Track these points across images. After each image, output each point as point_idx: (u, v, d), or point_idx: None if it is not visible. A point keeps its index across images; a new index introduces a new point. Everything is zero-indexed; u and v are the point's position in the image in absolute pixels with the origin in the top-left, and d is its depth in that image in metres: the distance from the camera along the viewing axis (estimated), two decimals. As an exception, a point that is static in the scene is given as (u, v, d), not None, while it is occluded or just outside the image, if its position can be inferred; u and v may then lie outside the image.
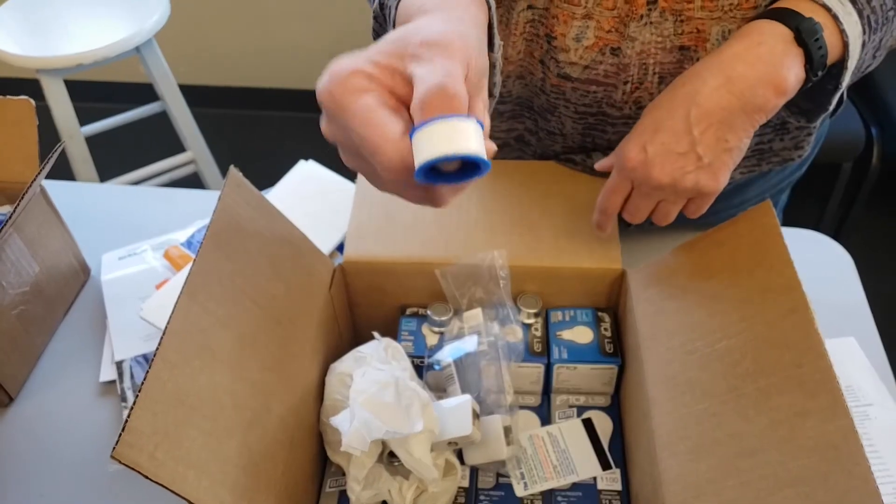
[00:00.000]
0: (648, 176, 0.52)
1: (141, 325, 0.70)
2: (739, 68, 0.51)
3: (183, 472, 0.40)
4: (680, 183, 0.52)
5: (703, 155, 0.51)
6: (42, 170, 0.65)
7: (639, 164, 0.53)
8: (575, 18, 0.61)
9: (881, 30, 0.53)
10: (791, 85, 0.51)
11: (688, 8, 0.58)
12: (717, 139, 0.51)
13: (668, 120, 0.52)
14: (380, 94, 0.35)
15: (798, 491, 0.39)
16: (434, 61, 0.34)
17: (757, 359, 0.46)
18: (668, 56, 0.61)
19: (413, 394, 0.52)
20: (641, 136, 0.54)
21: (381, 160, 0.33)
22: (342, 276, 0.64)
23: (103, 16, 1.57)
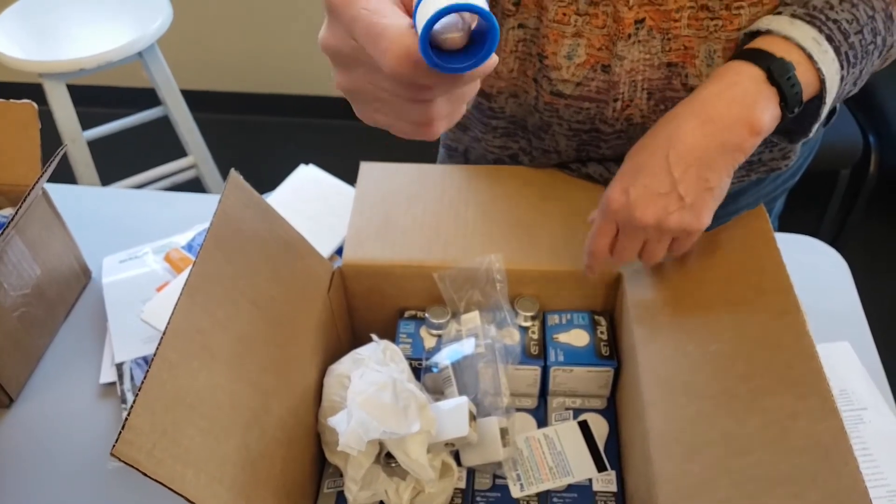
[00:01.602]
0: (632, 217, 0.53)
1: (141, 327, 0.70)
2: (714, 110, 0.52)
3: (181, 471, 0.41)
4: (664, 223, 0.52)
5: (684, 195, 0.52)
6: (44, 173, 0.65)
7: (622, 206, 0.53)
8: (565, 37, 0.62)
9: (861, 63, 0.54)
10: (766, 124, 0.52)
11: (674, 26, 0.59)
12: (697, 179, 0.52)
13: (649, 162, 0.53)
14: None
15: (789, 491, 0.39)
16: None
17: (749, 361, 0.46)
18: (656, 73, 0.62)
19: (410, 395, 0.52)
20: (623, 179, 0.54)
21: (385, 44, 0.31)
22: (341, 279, 0.64)
23: (106, 21, 1.58)
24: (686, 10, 0.58)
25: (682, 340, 0.52)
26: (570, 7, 0.60)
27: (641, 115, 0.66)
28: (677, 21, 0.58)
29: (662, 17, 0.59)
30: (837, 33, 0.52)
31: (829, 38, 0.52)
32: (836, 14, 0.52)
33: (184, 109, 1.71)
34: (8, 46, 1.50)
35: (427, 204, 0.68)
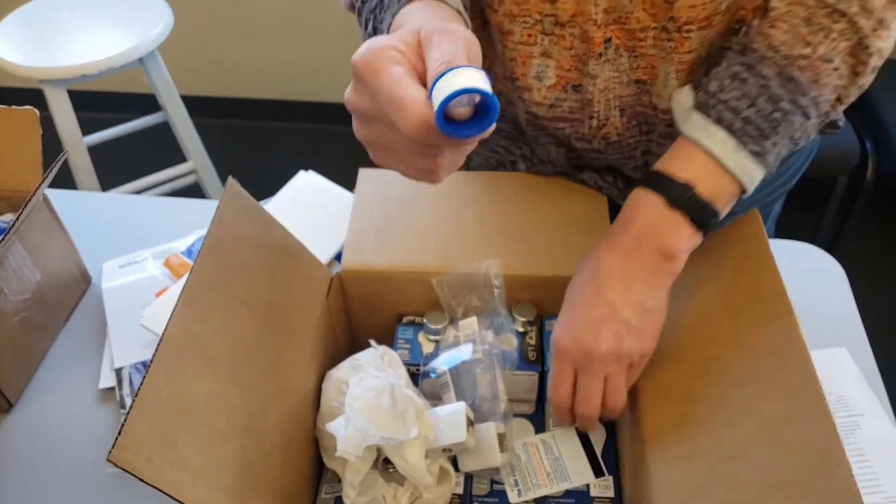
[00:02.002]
0: (587, 350, 0.52)
1: (140, 332, 0.71)
2: (626, 244, 0.53)
3: (178, 477, 0.41)
4: (617, 348, 0.52)
5: (628, 318, 0.52)
6: (45, 179, 0.66)
7: (571, 343, 0.53)
8: (533, 57, 0.62)
9: (776, 132, 0.52)
10: (680, 247, 0.52)
11: (640, 45, 0.60)
12: (634, 304, 0.52)
13: (582, 296, 0.54)
14: (408, 68, 0.40)
15: (783, 494, 0.40)
16: (442, 45, 0.39)
17: (744, 366, 0.47)
18: (625, 89, 0.63)
19: (408, 400, 0.53)
20: (562, 321, 0.54)
21: (406, 114, 0.37)
22: (339, 285, 0.65)
23: (107, 27, 1.59)
24: (650, 31, 0.58)
25: (678, 346, 0.53)
26: (535, 27, 0.60)
27: (617, 133, 0.66)
28: (642, 41, 0.59)
29: (628, 35, 0.59)
30: (727, 112, 0.52)
31: (718, 120, 0.52)
32: (726, 94, 0.52)
33: (184, 115, 1.72)
34: (9, 52, 1.51)
35: (425, 210, 0.68)
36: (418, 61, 0.40)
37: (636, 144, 0.68)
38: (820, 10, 0.51)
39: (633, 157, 0.69)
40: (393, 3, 0.51)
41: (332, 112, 2.24)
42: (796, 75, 0.51)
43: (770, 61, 0.52)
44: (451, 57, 0.38)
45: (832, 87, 0.52)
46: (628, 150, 0.68)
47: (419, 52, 0.41)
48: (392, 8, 0.51)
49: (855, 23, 0.50)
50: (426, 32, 0.40)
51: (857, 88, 0.53)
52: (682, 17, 0.56)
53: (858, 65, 0.51)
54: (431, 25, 0.41)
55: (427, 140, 0.38)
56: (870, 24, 0.50)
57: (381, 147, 0.43)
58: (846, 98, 0.53)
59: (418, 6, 0.49)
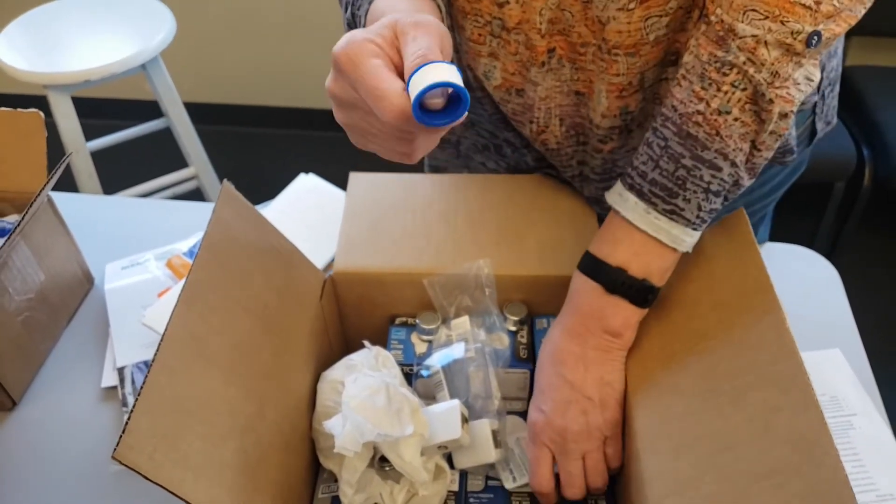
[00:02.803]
0: (559, 429, 0.54)
1: (142, 332, 0.71)
2: (573, 325, 0.56)
3: (181, 474, 0.41)
4: (586, 423, 0.54)
5: (591, 395, 0.55)
6: (50, 180, 0.67)
7: (544, 424, 0.55)
8: (482, 56, 0.64)
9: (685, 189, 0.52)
10: (620, 325, 0.55)
11: (580, 59, 0.61)
12: (594, 381, 0.55)
13: (546, 381, 0.57)
14: (386, 60, 0.43)
15: (773, 482, 0.40)
16: (417, 39, 0.42)
17: (733, 359, 0.48)
18: (566, 99, 0.64)
19: (403, 398, 0.53)
20: (534, 404, 0.57)
21: (385, 104, 0.41)
22: (332, 287, 0.65)
23: (110, 33, 1.60)
24: (590, 47, 0.59)
25: (668, 341, 0.54)
26: (485, 28, 0.61)
27: (556, 142, 0.67)
28: (583, 55, 0.60)
29: (570, 48, 0.60)
30: (636, 177, 0.54)
31: (630, 187, 0.54)
32: (637, 160, 0.54)
33: (186, 121, 1.73)
34: (13, 58, 1.52)
35: (416, 212, 0.69)
36: (395, 54, 0.43)
37: (573, 154, 0.69)
38: (711, 66, 0.51)
39: (570, 165, 0.70)
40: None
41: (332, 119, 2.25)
42: (693, 131, 0.51)
43: (670, 121, 0.53)
44: (425, 51, 0.41)
45: (738, 136, 0.51)
46: (566, 159, 0.69)
47: (395, 45, 0.43)
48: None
49: (745, 72, 0.50)
50: (402, 25, 0.43)
51: (771, 135, 0.52)
52: (611, 41, 0.57)
53: (762, 112, 0.51)
54: (406, 18, 0.43)
55: (404, 127, 0.42)
56: (762, 76, 0.49)
57: (360, 131, 0.47)
58: (763, 144, 0.52)
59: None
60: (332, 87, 0.46)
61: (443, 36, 0.43)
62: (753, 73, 0.49)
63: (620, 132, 0.64)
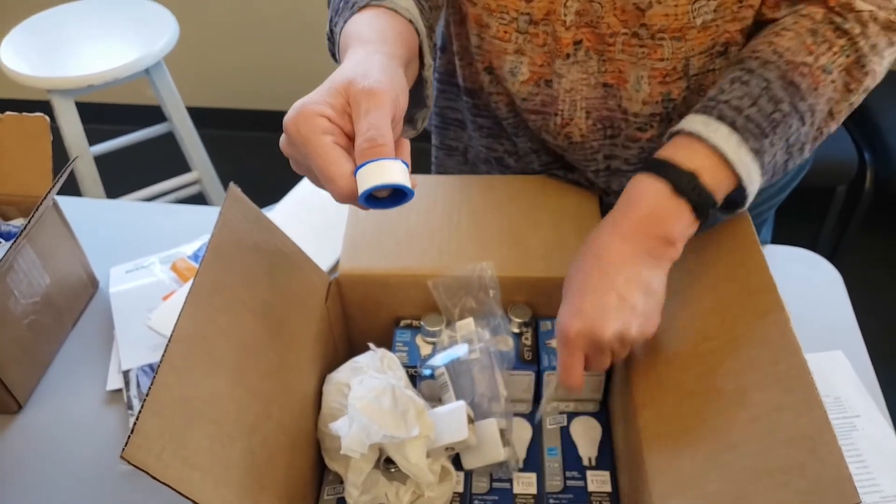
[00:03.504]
0: (595, 337, 0.52)
1: (147, 335, 0.72)
2: (628, 228, 0.54)
3: (189, 474, 0.42)
4: (626, 334, 0.52)
5: (635, 304, 0.52)
6: (55, 184, 0.67)
7: (580, 330, 0.52)
8: (507, 53, 0.64)
9: (776, 131, 0.53)
10: (679, 233, 0.53)
11: (609, 49, 0.61)
12: (639, 286, 0.53)
13: (588, 283, 0.54)
14: (336, 136, 0.44)
15: (776, 480, 0.41)
16: (369, 113, 0.43)
17: (736, 358, 0.48)
18: (593, 92, 0.64)
19: (409, 400, 0.54)
20: (570, 305, 0.54)
21: (334, 188, 0.44)
22: (337, 289, 0.66)
23: (113, 38, 1.61)
24: (620, 36, 0.60)
25: (672, 341, 0.54)
26: (511, 25, 0.62)
27: (581, 135, 0.68)
28: (612, 45, 0.61)
29: (598, 39, 0.61)
30: (728, 110, 0.53)
31: (720, 117, 0.53)
32: (726, 95, 0.54)
33: (189, 126, 1.74)
34: (17, 63, 1.53)
35: (420, 214, 0.69)
36: (346, 122, 0.45)
37: (599, 148, 0.69)
38: (826, 26, 0.54)
39: (594, 160, 0.70)
40: (346, 9, 0.55)
41: (336, 122, 2.26)
42: (798, 80, 0.53)
43: (773, 65, 0.54)
44: (374, 133, 0.42)
45: (827, 98, 0.54)
46: (590, 153, 0.69)
47: (347, 111, 0.45)
48: (344, 14, 0.55)
49: (856, 42, 0.54)
50: (354, 93, 0.44)
51: (848, 106, 0.56)
52: (655, 25, 0.58)
53: (852, 82, 0.54)
54: (360, 82, 0.44)
55: (350, 203, 0.45)
56: (866, 48, 0.54)
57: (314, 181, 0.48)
58: (837, 113, 0.56)
59: (367, 17, 0.53)
60: (284, 150, 0.47)
61: (397, 98, 0.45)
62: (862, 44, 0.53)
63: (661, 120, 0.64)
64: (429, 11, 0.59)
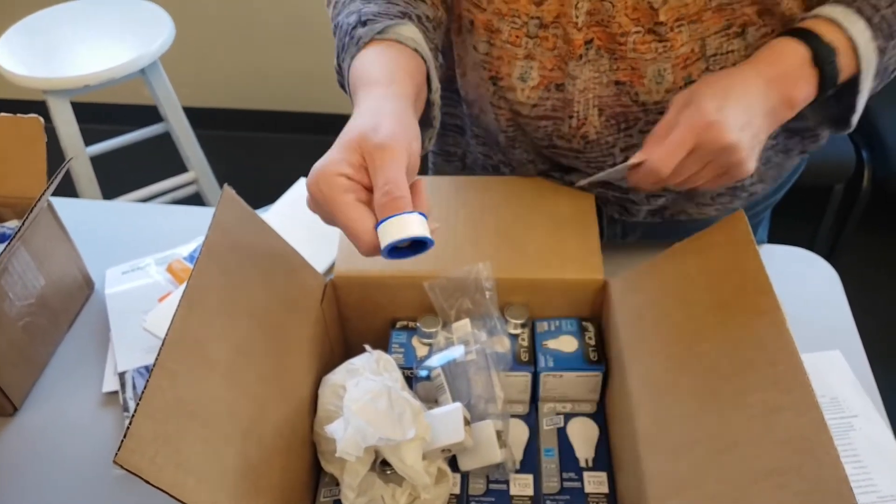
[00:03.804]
0: (719, 135, 0.53)
1: (143, 336, 0.71)
2: (769, 77, 0.56)
3: (183, 478, 0.41)
4: (735, 153, 0.53)
5: (753, 136, 0.55)
6: (50, 185, 0.67)
7: (715, 122, 0.53)
8: (517, 59, 0.64)
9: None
10: (801, 100, 0.57)
11: (620, 48, 0.61)
12: (758, 129, 0.55)
13: (731, 94, 0.55)
14: (357, 192, 0.47)
15: (774, 482, 0.41)
16: (385, 167, 0.46)
17: (733, 359, 0.48)
18: (605, 90, 0.64)
19: (405, 402, 0.54)
20: (714, 98, 0.54)
21: (359, 244, 0.47)
22: (333, 291, 0.65)
23: (109, 38, 1.60)
24: (632, 35, 0.60)
25: (668, 343, 0.54)
26: (521, 30, 0.62)
27: (596, 132, 0.67)
28: (623, 44, 0.61)
29: (609, 38, 0.61)
30: (867, 7, 0.56)
31: (858, 10, 0.56)
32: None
33: (185, 126, 1.74)
34: (12, 63, 1.52)
35: (415, 215, 0.69)
36: (364, 176, 0.47)
37: (614, 142, 0.69)
38: None
39: (611, 154, 0.70)
40: (351, 45, 0.56)
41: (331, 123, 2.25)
42: None
43: None
44: (391, 187, 0.45)
45: None
46: (607, 149, 0.69)
47: (364, 166, 0.47)
48: (351, 50, 0.56)
49: None
50: (368, 149, 0.46)
51: None
52: (672, 17, 0.59)
53: None
54: (373, 137, 0.46)
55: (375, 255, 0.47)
56: None
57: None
58: None
59: (373, 54, 0.55)
60: (310, 208, 0.50)
61: (409, 149, 0.47)
62: None
63: None
64: (433, 32, 0.59)
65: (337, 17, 0.62)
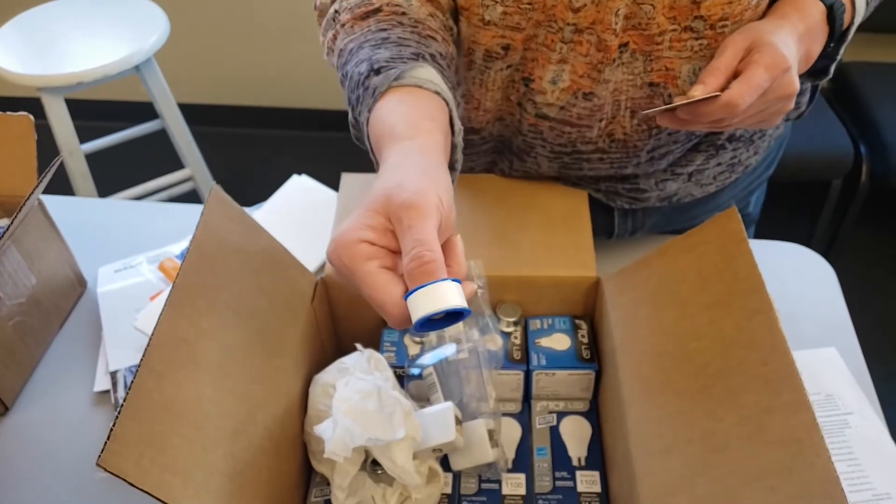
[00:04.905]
0: (792, 81, 0.56)
1: (135, 335, 0.71)
2: (801, 33, 0.58)
3: (169, 480, 0.41)
4: (793, 100, 0.57)
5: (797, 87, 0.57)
6: (40, 183, 0.67)
7: (790, 68, 0.55)
8: (551, 63, 0.63)
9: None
10: (815, 57, 0.60)
11: (657, 49, 0.61)
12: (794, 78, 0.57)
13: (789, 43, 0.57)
14: (381, 258, 0.42)
15: (765, 483, 0.40)
16: (413, 227, 0.41)
17: (725, 359, 0.48)
18: (638, 92, 0.64)
19: (395, 402, 0.53)
20: (784, 45, 0.56)
21: (387, 316, 0.42)
22: (324, 289, 0.65)
23: (104, 35, 1.60)
24: (668, 34, 0.60)
25: (660, 341, 0.53)
26: (557, 35, 0.61)
27: (623, 133, 0.67)
28: (659, 44, 0.60)
29: (646, 40, 0.61)
30: None
31: None
32: None
33: (180, 122, 1.73)
34: (6, 60, 1.52)
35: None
36: (390, 240, 0.42)
37: (642, 145, 0.69)
38: None
39: (637, 155, 0.70)
40: (367, 97, 0.52)
41: (326, 119, 2.25)
42: None
43: None
44: (421, 249, 0.40)
45: None
46: (633, 150, 0.69)
47: (389, 229, 0.42)
48: (367, 102, 0.52)
49: None
50: (393, 211, 0.41)
51: None
52: (716, 15, 0.59)
53: None
54: (398, 194, 0.42)
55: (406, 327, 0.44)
56: None
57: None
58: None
59: (392, 103, 0.50)
60: (335, 278, 0.48)
61: (441, 201, 0.42)
62: None
63: None
64: (448, 69, 0.57)
65: (344, 66, 0.57)
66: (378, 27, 0.57)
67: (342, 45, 0.59)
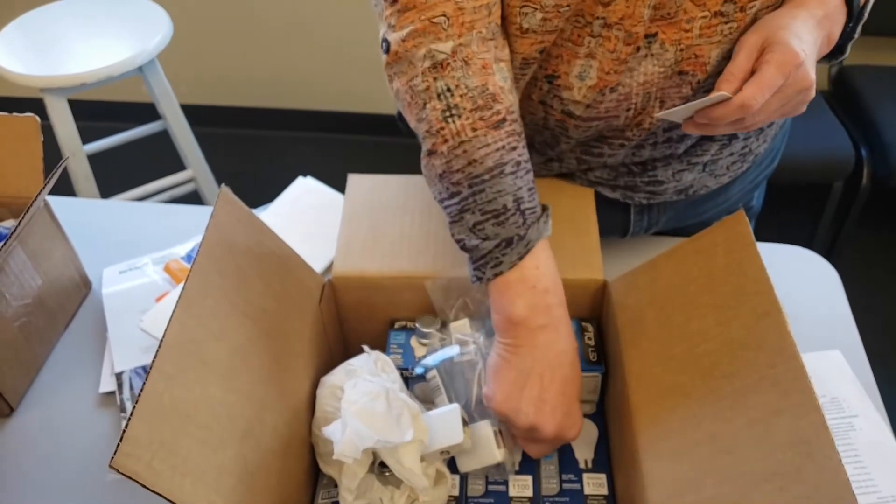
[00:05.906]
0: (806, 75, 0.56)
1: (140, 336, 0.71)
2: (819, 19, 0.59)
3: (180, 481, 0.41)
4: (811, 91, 0.57)
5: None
6: (46, 184, 0.67)
7: (803, 63, 0.55)
8: (578, 57, 0.63)
9: None
10: (835, 40, 0.60)
11: (686, 36, 0.61)
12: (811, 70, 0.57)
13: (804, 33, 0.57)
14: None
15: (774, 485, 0.40)
16: None
17: (733, 361, 0.48)
18: (668, 81, 0.64)
19: (403, 404, 0.53)
20: (796, 39, 0.56)
21: None
22: (332, 291, 0.65)
23: (107, 36, 1.60)
24: (698, 21, 0.60)
25: (668, 343, 0.53)
26: (585, 29, 0.61)
27: (650, 122, 0.67)
28: (689, 31, 0.60)
29: (675, 29, 0.60)
30: None
31: None
32: None
33: (183, 123, 1.73)
34: (9, 61, 1.52)
35: (415, 214, 0.69)
36: None
37: (670, 135, 0.70)
38: None
39: (654, 134, 0.70)
40: (519, 245, 0.56)
41: (329, 121, 2.25)
42: None
43: None
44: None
45: None
46: (660, 140, 0.70)
47: None
48: (518, 249, 0.56)
49: None
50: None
51: None
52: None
53: None
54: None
55: None
56: None
57: None
58: None
59: (544, 256, 0.57)
60: None
61: None
62: None
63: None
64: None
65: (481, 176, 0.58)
66: (510, 143, 0.58)
67: (476, 155, 0.57)
